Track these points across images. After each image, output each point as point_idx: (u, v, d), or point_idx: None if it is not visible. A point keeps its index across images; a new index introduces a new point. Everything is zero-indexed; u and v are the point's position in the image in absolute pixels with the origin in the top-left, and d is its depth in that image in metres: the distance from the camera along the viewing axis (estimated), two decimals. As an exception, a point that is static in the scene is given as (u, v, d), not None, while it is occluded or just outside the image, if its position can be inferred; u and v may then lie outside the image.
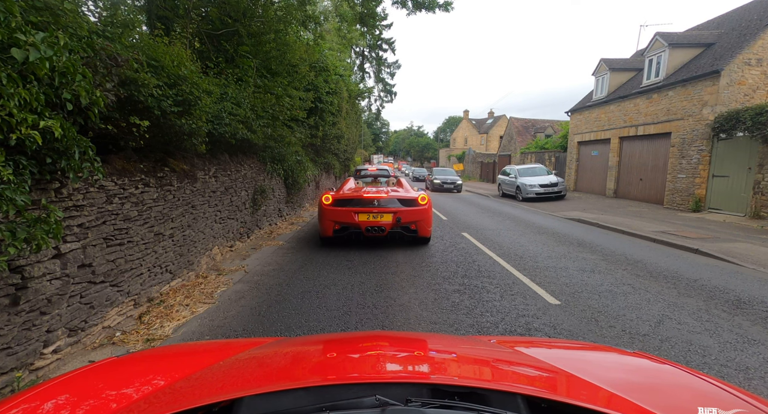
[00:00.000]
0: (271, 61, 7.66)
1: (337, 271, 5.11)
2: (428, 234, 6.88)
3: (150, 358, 1.36)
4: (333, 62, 14.23)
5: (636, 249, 6.67)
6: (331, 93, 12.73)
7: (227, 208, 5.88)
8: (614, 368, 1.23)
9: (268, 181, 8.07)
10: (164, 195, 3.91)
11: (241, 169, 6.55)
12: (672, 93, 11.88)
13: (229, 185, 5.96)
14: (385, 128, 75.68)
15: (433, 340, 1.54)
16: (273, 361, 1.19)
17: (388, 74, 31.16)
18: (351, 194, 6.83)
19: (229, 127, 4.73)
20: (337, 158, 18.51)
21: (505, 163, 28.16)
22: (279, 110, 7.07)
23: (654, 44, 12.90)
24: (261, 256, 5.94)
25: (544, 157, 22.68)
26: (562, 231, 8.44)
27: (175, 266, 4.17)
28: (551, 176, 15.63)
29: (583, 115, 17.51)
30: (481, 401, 0.78)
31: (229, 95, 5.24)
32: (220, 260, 5.47)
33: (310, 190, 12.92)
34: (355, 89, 19.72)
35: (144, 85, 2.82)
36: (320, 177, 14.85)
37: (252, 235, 7.12)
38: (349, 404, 0.75)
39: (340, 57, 20.30)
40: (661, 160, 12.60)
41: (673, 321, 3.47)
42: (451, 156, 51.48)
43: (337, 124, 14.71)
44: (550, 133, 27.16)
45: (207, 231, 5.11)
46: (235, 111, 5.07)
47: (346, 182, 8.06)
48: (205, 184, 5.05)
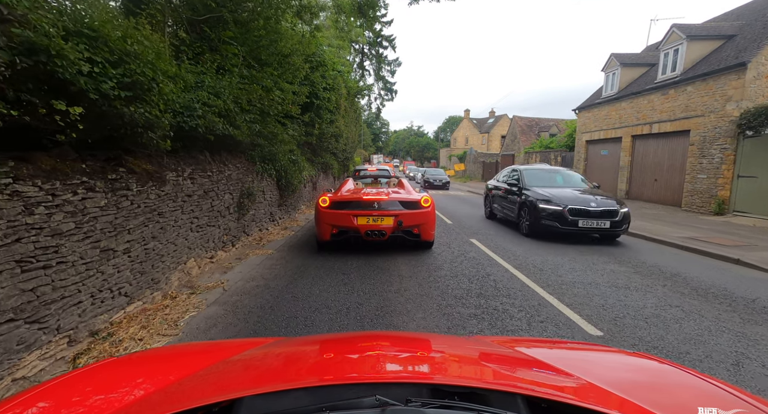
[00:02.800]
0: (261, 50, 6.94)
1: (330, 288, 4.39)
2: (431, 238, 6.21)
3: (150, 359, 1.34)
4: (331, 57, 13.51)
5: (668, 259, 5.95)
6: (328, 89, 12.01)
7: (207, 213, 5.16)
8: (615, 368, 1.22)
9: (257, 182, 7.36)
10: (117, 201, 3.19)
11: (224, 170, 5.84)
12: (691, 88, 11.17)
13: (209, 188, 5.24)
14: (385, 128, 75.01)
15: (433, 340, 1.52)
16: (273, 361, 1.19)
17: (389, 72, 30.50)
18: (349, 196, 6.14)
19: (202, 120, 4.01)
20: (336, 158, 17.79)
21: (509, 162, 27.46)
22: (269, 104, 6.36)
23: (670, 37, 12.19)
24: (245, 269, 5.22)
25: (549, 157, 21.97)
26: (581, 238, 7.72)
27: (134, 287, 3.45)
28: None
29: (591, 112, 16.80)
30: (481, 401, 0.78)
31: (206, 84, 4.53)
32: (196, 275, 4.75)
33: (306, 192, 12.20)
34: (355, 86, 18.99)
35: (61, 57, 2.10)
36: (317, 177, 14.13)
37: (238, 242, 6.40)
38: (349, 404, 0.74)
39: (339, 54, 19.60)
40: (678, 159, 11.89)
41: (754, 362, 2.75)
42: (452, 156, 50.81)
43: (335, 122, 13.98)
44: (555, 132, 26.46)
45: (179, 241, 4.40)
46: (213, 102, 4.35)
47: (344, 183, 7.36)
48: (177, 187, 4.34)
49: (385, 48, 29.43)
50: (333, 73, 12.79)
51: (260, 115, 6.41)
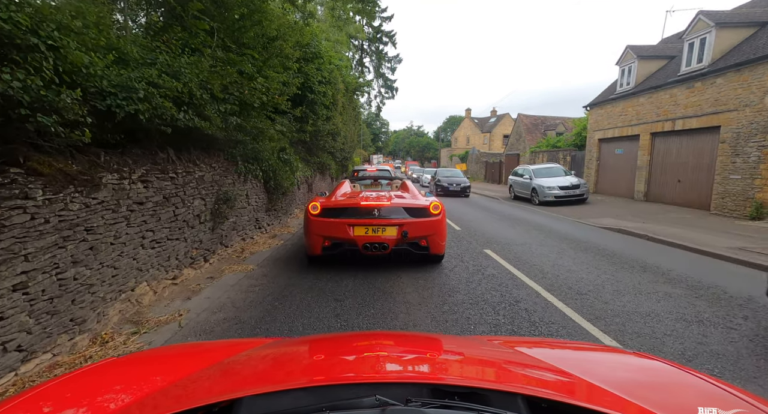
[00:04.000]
0: (242, 31, 5.97)
1: (319, 322, 3.41)
2: (442, 251, 5.26)
3: (150, 359, 1.34)
4: (328, 50, 12.51)
5: (727, 277, 4.97)
6: (324, 82, 11.02)
7: (167, 224, 4.18)
8: (615, 368, 1.21)
9: (239, 184, 6.38)
10: (1, 217, 2.21)
11: (194, 170, 4.86)
12: (721, 80, 10.18)
13: (171, 192, 4.26)
14: (384, 128, 73.98)
15: (433, 340, 1.50)
16: (273, 361, 1.19)
17: (389, 69, 29.51)
18: (345, 201, 5.16)
19: (145, 104, 3.02)
20: (333, 158, 16.79)
21: (513, 162, 26.49)
22: (250, 94, 5.39)
23: (696, 25, 11.20)
24: (215, 292, 4.24)
25: (557, 156, 20.98)
26: (608, 246, 6.74)
27: (36, 336, 2.46)
28: (570, 177, 13.93)
29: (604, 109, 15.81)
30: (481, 401, 0.77)
31: (160, 61, 3.55)
32: (149, 303, 3.77)
33: (300, 194, 11.22)
34: (353, 82, 17.99)
35: None
36: (313, 179, 13.15)
37: (213, 257, 5.42)
38: (349, 404, 0.74)
39: (337, 48, 18.61)
40: (705, 158, 10.90)
41: None
42: (453, 156, 49.89)
43: (332, 119, 12.98)
44: (562, 131, 25.47)
45: (123, 263, 3.42)
46: (166, 83, 3.36)
47: (339, 186, 6.36)
48: (120, 193, 3.36)
49: (385, 44, 28.46)
50: (330, 66, 11.82)
51: (240, 106, 5.44)
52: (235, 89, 5.09)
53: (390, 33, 28.17)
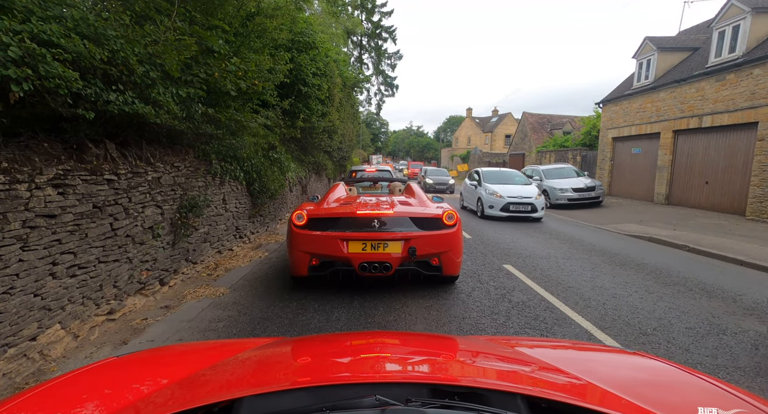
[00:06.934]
0: (213, 4, 4.94)
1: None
2: (457, 271, 4.25)
3: (150, 358, 1.31)
4: (324, 42, 11.48)
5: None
6: (319, 75, 9.98)
7: (98, 243, 3.15)
8: (615, 368, 1.19)
9: (214, 188, 5.35)
10: None
11: (147, 171, 3.84)
12: (759, 71, 9.18)
13: (107, 200, 3.24)
14: (384, 128, 72.92)
15: (433, 340, 1.49)
16: (273, 361, 1.18)
17: (389, 66, 28.49)
18: (337, 210, 4.14)
19: (23, 69, 1.99)
20: (330, 157, 15.77)
21: (518, 162, 25.50)
22: (222, 78, 4.37)
23: (727, 11, 10.21)
24: (165, 331, 3.21)
25: (566, 156, 19.98)
26: (646, 260, 5.73)
27: None
28: (584, 178, 12.93)
29: (620, 106, 14.80)
30: (481, 401, 0.77)
31: (69, 17, 2.52)
32: (62, 354, 2.74)
33: (293, 197, 10.20)
34: (351, 77, 16.95)
35: None
36: (308, 180, 12.13)
37: (174, 278, 4.39)
38: (349, 404, 0.73)
39: (333, 39, 17.60)
40: (739, 157, 9.90)
41: None
42: (454, 156, 48.95)
43: (329, 115, 11.92)
44: (569, 130, 24.49)
45: (15, 302, 2.39)
46: (75, 47, 2.33)
47: (331, 190, 5.32)
48: (9, 204, 2.34)
49: (384, 40, 27.46)
50: (326, 58, 10.80)
51: (209, 92, 4.44)
52: (200, 70, 4.08)
53: (390, 28, 27.17)
